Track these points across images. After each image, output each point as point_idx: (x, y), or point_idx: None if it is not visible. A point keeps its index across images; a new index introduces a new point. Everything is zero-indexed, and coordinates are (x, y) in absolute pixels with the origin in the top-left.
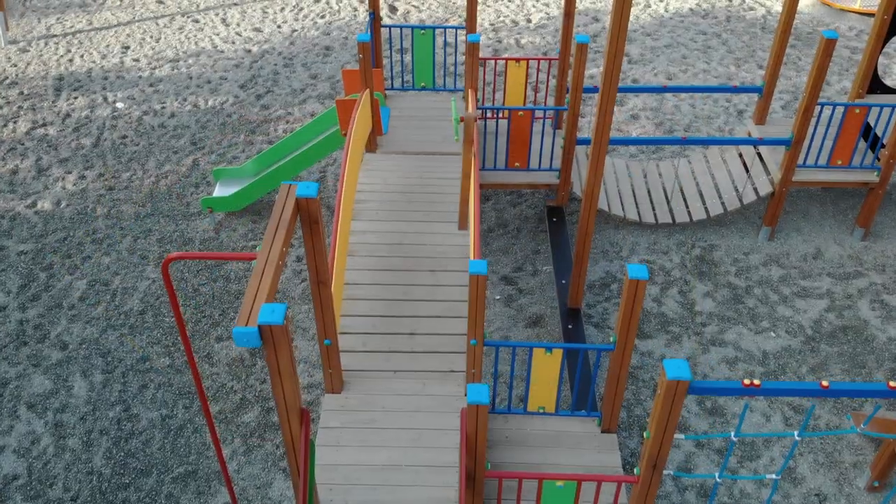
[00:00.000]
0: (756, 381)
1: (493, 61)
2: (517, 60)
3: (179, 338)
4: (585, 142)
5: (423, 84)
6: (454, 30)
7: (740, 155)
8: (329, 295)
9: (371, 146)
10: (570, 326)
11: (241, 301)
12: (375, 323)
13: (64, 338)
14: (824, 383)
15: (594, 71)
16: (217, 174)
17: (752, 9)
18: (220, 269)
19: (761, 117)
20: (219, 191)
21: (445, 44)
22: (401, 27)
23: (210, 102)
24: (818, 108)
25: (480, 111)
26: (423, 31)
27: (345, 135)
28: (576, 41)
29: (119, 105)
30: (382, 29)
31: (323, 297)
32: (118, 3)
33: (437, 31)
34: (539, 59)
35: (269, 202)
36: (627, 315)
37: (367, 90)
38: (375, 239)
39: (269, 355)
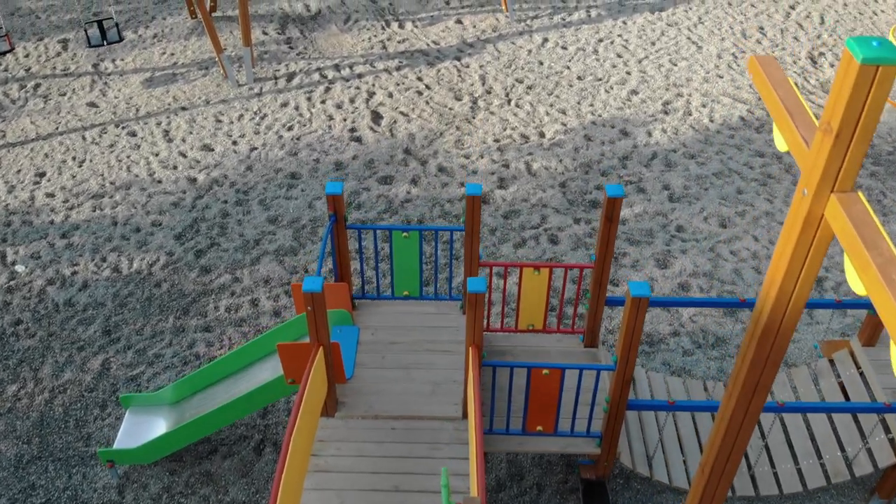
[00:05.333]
0: None
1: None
2: (536, 267)
3: None
4: (640, 407)
5: (406, 293)
6: (449, 231)
7: (840, 385)
8: None
9: (328, 407)
10: None
11: None
12: None
13: None
14: None
15: (626, 212)
16: (125, 401)
17: (816, 117)
18: None
19: (872, 336)
20: (125, 430)
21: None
22: (374, 229)
23: (135, 264)
24: None
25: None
26: (405, 234)
27: (290, 382)
28: (629, 292)
29: (19, 268)
30: (350, 228)
31: None
32: (41, 105)
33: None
34: (567, 267)
35: (195, 446)
36: None
37: (321, 348)
38: None
39: None
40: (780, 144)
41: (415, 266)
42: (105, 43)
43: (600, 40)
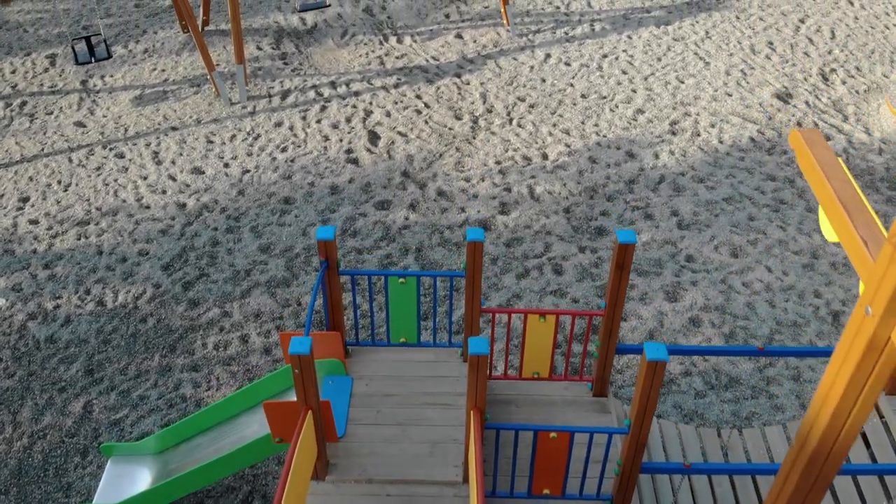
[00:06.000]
0: None
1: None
2: (542, 314)
3: None
4: (655, 470)
5: (403, 339)
6: (448, 277)
7: (862, 435)
8: None
9: (318, 470)
10: None
11: None
12: None
13: None
14: None
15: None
16: (107, 450)
17: (828, 138)
18: None
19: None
20: (106, 482)
21: (436, 294)
22: (369, 275)
23: (120, 297)
24: None
25: None
26: (402, 280)
27: (277, 441)
28: (645, 355)
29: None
30: (343, 275)
31: None
32: (27, 124)
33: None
34: (574, 315)
35: (180, 498)
36: None
37: (309, 412)
38: None
39: None
40: (829, 235)
41: (412, 313)
42: (93, 60)
43: (604, 56)
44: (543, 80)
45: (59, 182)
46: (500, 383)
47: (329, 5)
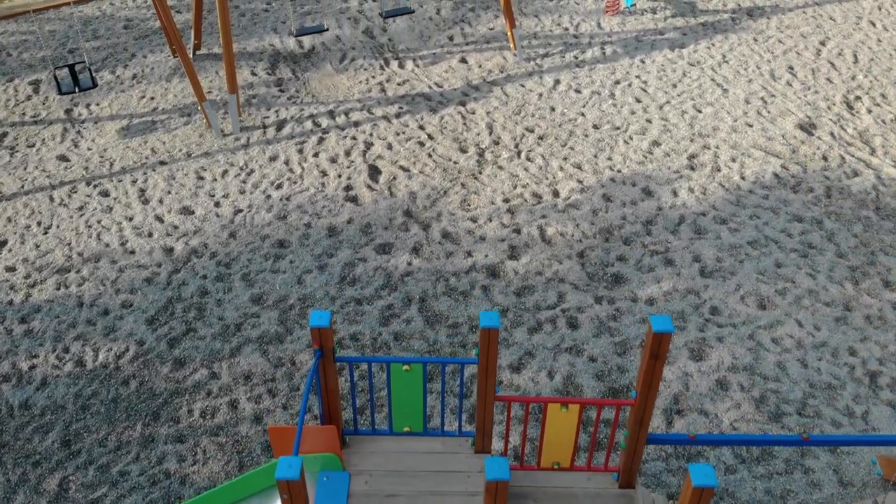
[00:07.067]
0: None
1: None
2: (564, 403)
3: None
4: None
5: (407, 428)
6: (461, 364)
7: None
8: None
9: None
10: None
11: None
12: None
13: None
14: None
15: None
16: None
17: (856, 174)
18: None
19: None
20: None
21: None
22: (369, 361)
23: (101, 356)
24: None
25: None
26: (406, 367)
27: None
28: (691, 479)
29: None
30: (339, 361)
31: None
32: (7, 158)
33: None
34: (601, 405)
35: None
36: None
37: None
38: None
39: None
40: None
41: (418, 402)
42: (77, 90)
43: (617, 82)
44: (553, 109)
45: (39, 224)
46: (517, 474)
47: (327, 29)
